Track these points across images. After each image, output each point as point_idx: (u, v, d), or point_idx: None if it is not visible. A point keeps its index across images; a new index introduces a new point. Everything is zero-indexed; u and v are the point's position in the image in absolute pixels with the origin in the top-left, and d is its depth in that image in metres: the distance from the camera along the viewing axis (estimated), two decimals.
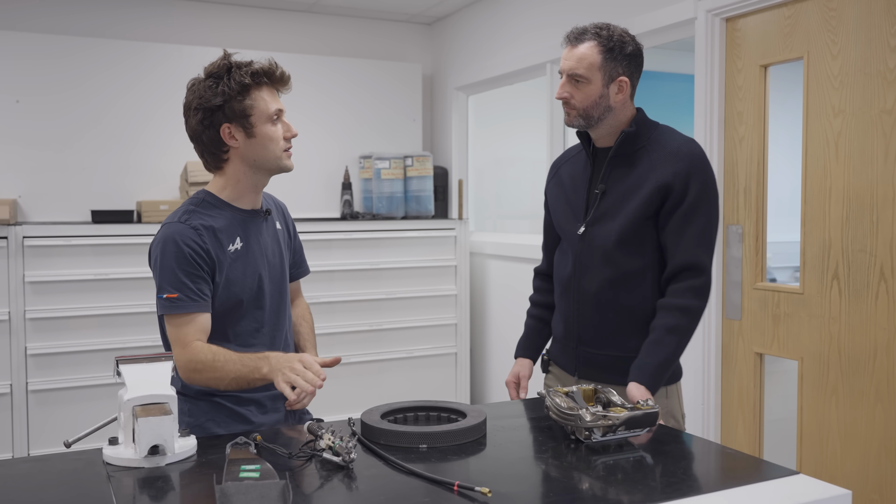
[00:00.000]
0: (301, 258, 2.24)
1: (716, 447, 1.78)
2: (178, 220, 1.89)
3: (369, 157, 4.57)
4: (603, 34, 2.01)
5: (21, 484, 1.47)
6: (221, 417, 1.93)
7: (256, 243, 1.97)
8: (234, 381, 1.81)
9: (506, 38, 4.35)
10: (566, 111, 2.06)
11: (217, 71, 1.88)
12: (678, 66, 4.65)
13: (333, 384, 4.25)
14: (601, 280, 2.05)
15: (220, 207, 1.93)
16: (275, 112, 1.90)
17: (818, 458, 2.70)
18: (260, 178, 1.97)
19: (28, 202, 4.00)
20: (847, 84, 2.58)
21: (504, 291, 4.47)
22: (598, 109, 2.01)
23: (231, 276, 1.90)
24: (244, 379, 1.81)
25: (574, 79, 2.01)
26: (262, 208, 2.02)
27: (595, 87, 2.00)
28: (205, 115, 1.88)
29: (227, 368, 1.80)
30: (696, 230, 1.97)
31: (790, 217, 2.85)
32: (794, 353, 2.78)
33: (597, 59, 1.99)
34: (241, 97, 1.86)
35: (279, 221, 2.11)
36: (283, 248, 2.09)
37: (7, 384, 3.61)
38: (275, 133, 1.91)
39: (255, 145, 1.90)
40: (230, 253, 1.91)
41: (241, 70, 1.86)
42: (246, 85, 1.86)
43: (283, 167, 1.96)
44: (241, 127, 1.89)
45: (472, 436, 1.68)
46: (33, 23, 4.12)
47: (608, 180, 2.06)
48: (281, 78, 1.93)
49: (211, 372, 1.81)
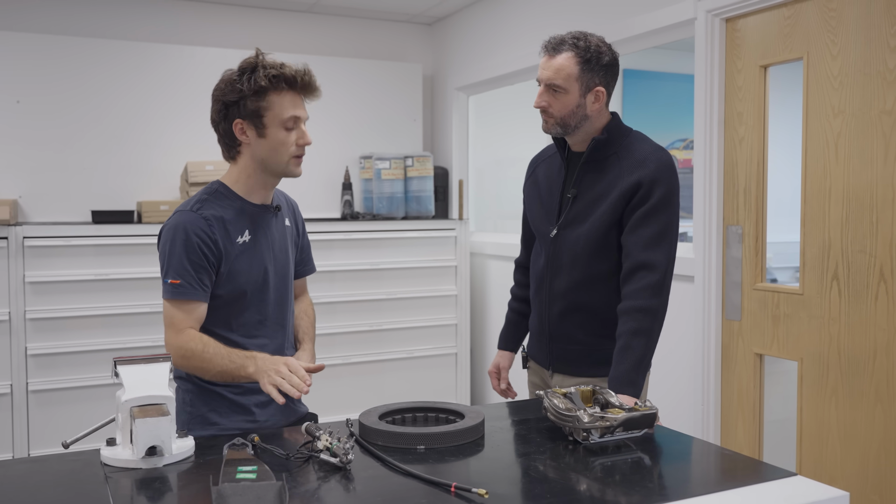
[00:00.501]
0: (308, 256, 2.27)
1: (713, 448, 1.77)
2: (190, 209, 1.92)
3: (370, 157, 4.57)
4: (580, 45, 2.04)
5: (18, 485, 1.47)
6: (223, 408, 1.96)
7: (264, 237, 2.00)
8: (219, 374, 1.85)
9: (506, 38, 4.35)
10: (544, 119, 2.10)
11: (245, 67, 1.90)
12: (678, 66, 4.65)
13: (334, 384, 4.26)
14: (569, 282, 2.12)
15: (231, 199, 1.96)
16: (289, 118, 1.91)
17: (818, 459, 2.70)
18: (267, 178, 1.99)
19: (29, 202, 4.00)
20: (847, 84, 2.57)
21: (504, 292, 4.42)
22: (574, 118, 2.07)
23: (237, 267, 1.93)
24: (230, 374, 1.84)
25: (552, 89, 2.05)
26: (272, 204, 2.05)
27: (572, 96, 2.04)
28: (221, 107, 1.92)
29: (214, 361, 1.84)
30: (652, 231, 2.00)
31: (791, 217, 2.85)
32: (793, 353, 2.77)
33: (574, 69, 2.03)
34: (255, 97, 1.88)
35: (289, 218, 2.14)
36: (290, 244, 2.12)
37: (7, 384, 3.62)
38: (286, 139, 1.92)
39: (265, 146, 1.92)
40: (238, 245, 1.94)
41: (265, 71, 1.87)
42: (263, 87, 1.87)
43: (289, 173, 1.98)
44: (253, 125, 1.91)
45: (469, 437, 1.68)
46: (34, 23, 4.12)
47: (580, 185, 2.12)
48: (305, 86, 1.94)
49: (199, 361, 1.85)
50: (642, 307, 1.96)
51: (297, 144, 1.95)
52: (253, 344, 1.96)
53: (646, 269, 1.99)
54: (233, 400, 1.97)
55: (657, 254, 1.99)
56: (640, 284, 1.98)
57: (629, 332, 1.96)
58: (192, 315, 1.89)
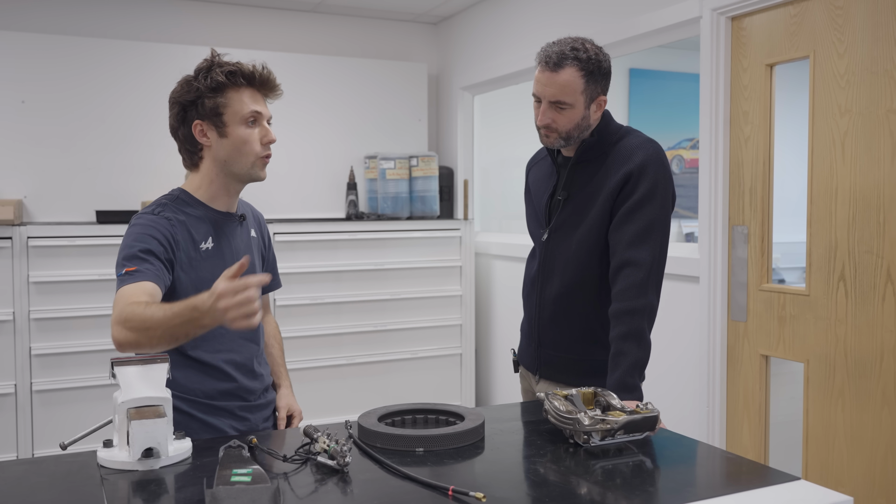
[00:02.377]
0: (274, 270, 2.16)
1: (716, 452, 1.75)
2: (150, 212, 1.84)
3: (374, 157, 4.56)
4: (582, 57, 1.98)
5: (13, 487, 1.46)
6: (193, 427, 1.84)
7: (228, 246, 1.92)
8: (165, 333, 1.59)
9: (511, 37, 4.33)
10: (545, 133, 2.04)
11: (200, 67, 1.86)
12: (685, 65, 4.62)
13: (338, 384, 4.26)
14: (560, 286, 2.08)
15: (193, 205, 1.89)
16: (250, 114, 1.85)
17: (824, 462, 2.67)
18: (231, 183, 1.91)
19: (33, 202, 4.00)
20: (854, 83, 2.55)
21: (509, 292, 4.45)
22: (578, 130, 2.03)
23: (201, 275, 1.84)
24: (177, 328, 1.58)
25: (558, 105, 2.00)
26: (236, 213, 1.98)
27: (578, 110, 2.00)
28: (179, 109, 1.86)
29: (156, 317, 1.59)
30: (636, 228, 1.95)
31: (799, 217, 2.82)
32: (799, 355, 2.75)
33: (580, 84, 1.98)
34: (213, 94, 1.82)
35: (254, 229, 2.06)
36: (257, 255, 2.04)
37: (11, 384, 3.62)
38: (249, 136, 1.85)
39: (227, 146, 1.85)
40: (202, 251, 1.86)
41: (220, 68, 1.83)
42: (221, 83, 1.82)
43: (253, 176, 1.90)
44: (213, 125, 1.85)
45: (469, 439, 1.66)
46: (38, 23, 4.13)
47: (570, 187, 2.09)
48: (264, 82, 1.88)
49: (139, 321, 1.60)
50: (629, 309, 1.91)
51: (262, 143, 1.87)
52: (220, 359, 1.87)
53: (630, 267, 1.93)
54: (203, 420, 1.87)
55: (641, 251, 1.93)
56: (624, 284, 1.93)
57: (619, 337, 1.91)
58: (143, 289, 1.69)
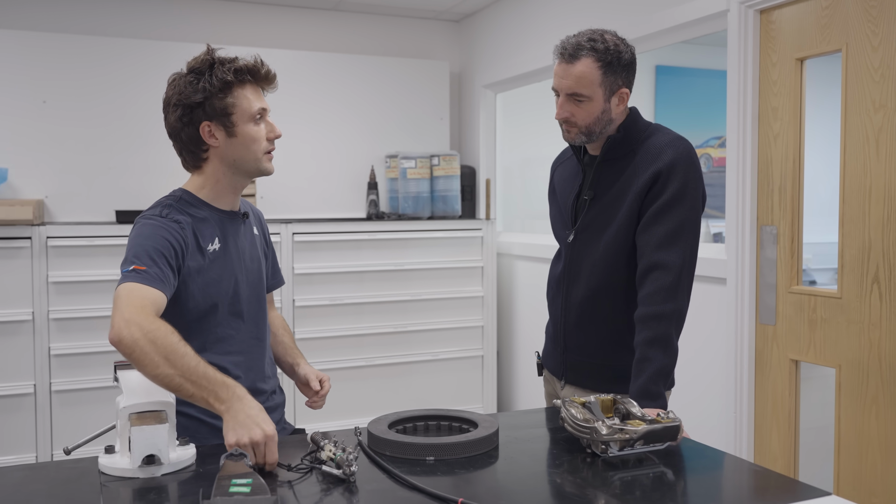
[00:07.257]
0: (275, 267, 2.15)
1: (741, 464, 1.67)
2: (158, 215, 1.80)
3: (395, 156, 4.51)
4: (599, 47, 1.91)
5: (11, 494, 1.43)
6: (203, 432, 1.79)
7: (234, 246, 1.89)
8: (177, 383, 1.51)
9: (534, 34, 4.26)
10: (566, 129, 1.98)
11: (199, 66, 1.81)
12: (713, 62, 4.52)
13: (358, 386, 4.21)
14: (586, 289, 2.01)
15: (197, 206, 1.86)
16: (258, 111, 1.83)
17: (856, 472, 2.57)
18: (238, 180, 1.89)
19: (55, 202, 4.00)
20: (888, 77, 2.44)
21: (532, 293, 4.38)
22: (600, 124, 1.95)
23: (208, 277, 1.81)
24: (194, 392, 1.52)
25: (575, 98, 1.93)
26: (239, 211, 1.95)
27: (597, 103, 1.93)
28: (184, 111, 1.81)
29: (184, 361, 1.51)
30: (665, 229, 1.87)
31: (830, 217, 2.72)
32: (831, 360, 2.64)
33: (596, 75, 1.91)
34: (222, 94, 1.79)
35: (256, 227, 2.03)
36: (261, 253, 2.02)
37: (31, 384, 3.61)
38: (257, 133, 1.83)
39: (236, 145, 1.83)
40: (209, 253, 1.82)
41: (225, 66, 1.79)
42: (228, 82, 1.79)
43: (262, 170, 1.88)
44: (221, 125, 1.81)
45: (482, 448, 1.60)
46: (59, 23, 4.13)
47: (596, 187, 2.01)
48: (266, 76, 1.86)
49: (164, 351, 1.50)
50: (656, 314, 1.83)
51: (268, 139, 1.86)
52: (229, 361, 1.83)
53: (659, 270, 1.85)
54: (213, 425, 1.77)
55: (671, 254, 1.86)
56: (652, 287, 1.85)
57: (645, 343, 1.83)
58: (156, 303, 1.61)
